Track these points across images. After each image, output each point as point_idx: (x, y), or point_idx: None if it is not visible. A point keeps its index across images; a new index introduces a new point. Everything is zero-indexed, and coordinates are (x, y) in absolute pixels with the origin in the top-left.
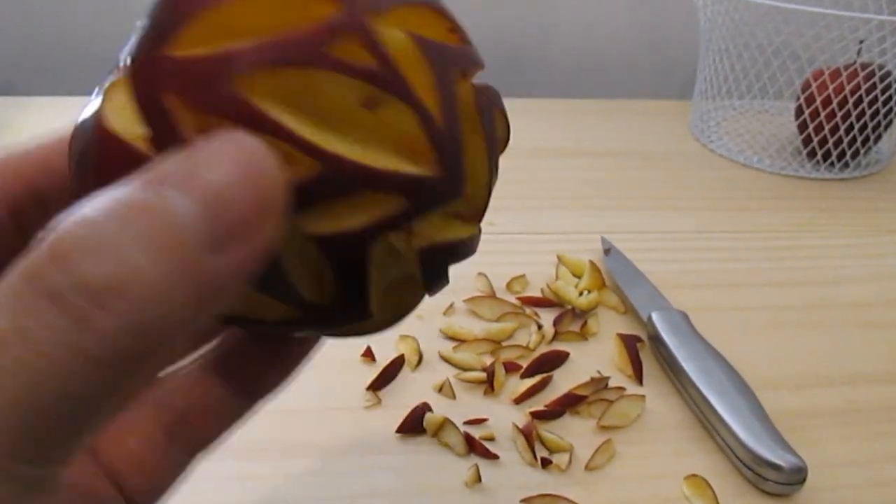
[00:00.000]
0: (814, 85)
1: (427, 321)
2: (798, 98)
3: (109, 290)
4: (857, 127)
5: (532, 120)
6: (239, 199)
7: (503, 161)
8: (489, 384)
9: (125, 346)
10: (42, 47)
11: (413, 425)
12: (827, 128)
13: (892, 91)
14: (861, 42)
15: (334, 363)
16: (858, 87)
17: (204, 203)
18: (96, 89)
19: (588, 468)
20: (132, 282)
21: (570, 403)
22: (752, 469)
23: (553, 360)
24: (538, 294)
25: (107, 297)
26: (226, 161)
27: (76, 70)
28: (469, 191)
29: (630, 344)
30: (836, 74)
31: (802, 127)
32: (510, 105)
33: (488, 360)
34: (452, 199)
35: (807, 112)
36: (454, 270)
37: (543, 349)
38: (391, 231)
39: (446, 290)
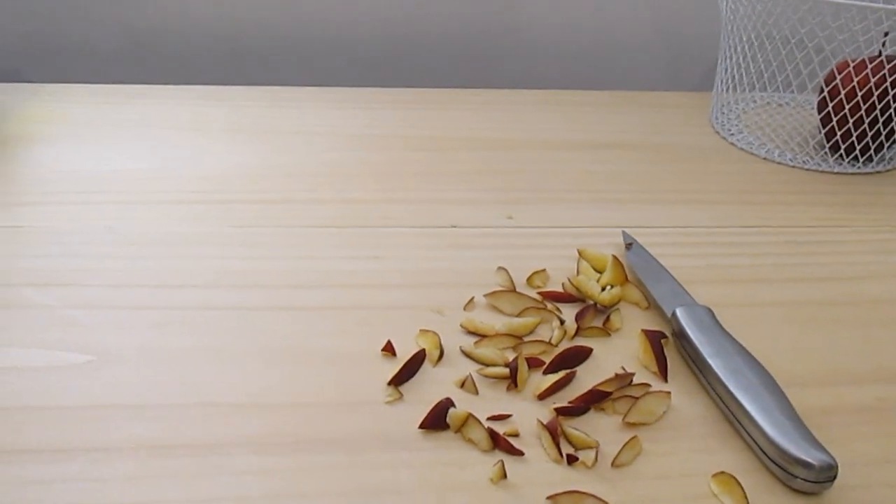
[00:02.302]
0: (838, 77)
1: (447, 316)
2: (821, 91)
3: None
4: (881, 120)
5: (550, 112)
6: None
7: (520, 154)
8: (512, 380)
9: None
10: (48, 35)
11: (436, 421)
12: (851, 121)
13: None
14: (886, 34)
15: (352, 357)
16: (884, 79)
17: None
18: None
19: (615, 465)
20: None
21: (594, 400)
22: (782, 466)
23: (576, 356)
24: (559, 289)
25: None
26: None
27: (82, 57)
28: None
29: (654, 340)
30: (861, 67)
31: (826, 120)
32: (527, 97)
33: (510, 356)
34: None
35: (830, 105)
36: (474, 264)
37: (566, 345)
38: None
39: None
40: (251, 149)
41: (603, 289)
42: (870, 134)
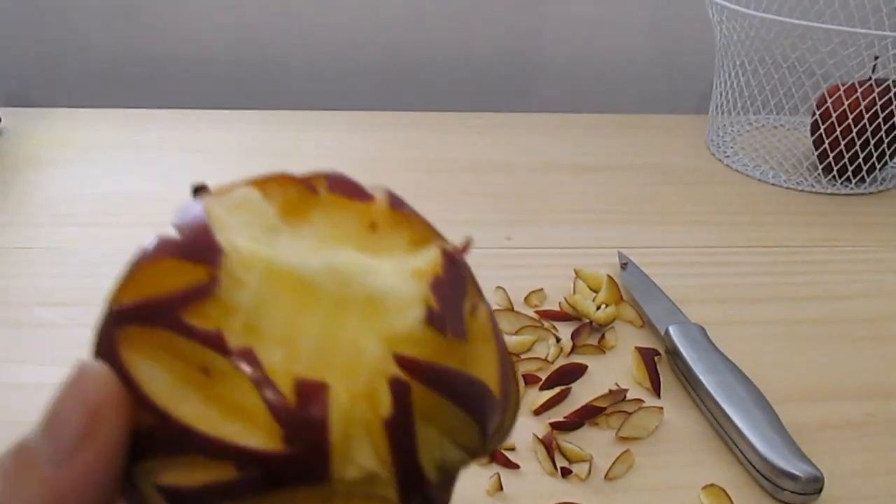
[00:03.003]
0: (829, 100)
1: None
2: (814, 113)
3: None
4: (872, 142)
5: (548, 135)
6: (73, 414)
7: (518, 176)
8: None
9: None
10: (57, 59)
11: None
12: (843, 143)
13: None
14: (876, 58)
15: None
16: (874, 102)
17: (46, 424)
18: None
19: (607, 478)
20: None
21: (588, 415)
22: (769, 479)
23: (571, 373)
24: (556, 308)
25: None
26: (65, 385)
27: (91, 82)
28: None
29: (648, 357)
30: (851, 90)
31: (818, 142)
32: (525, 120)
33: None
34: (311, 480)
35: (822, 127)
36: None
37: (562, 362)
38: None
39: None
40: (259, 171)
41: (598, 307)
42: (861, 156)
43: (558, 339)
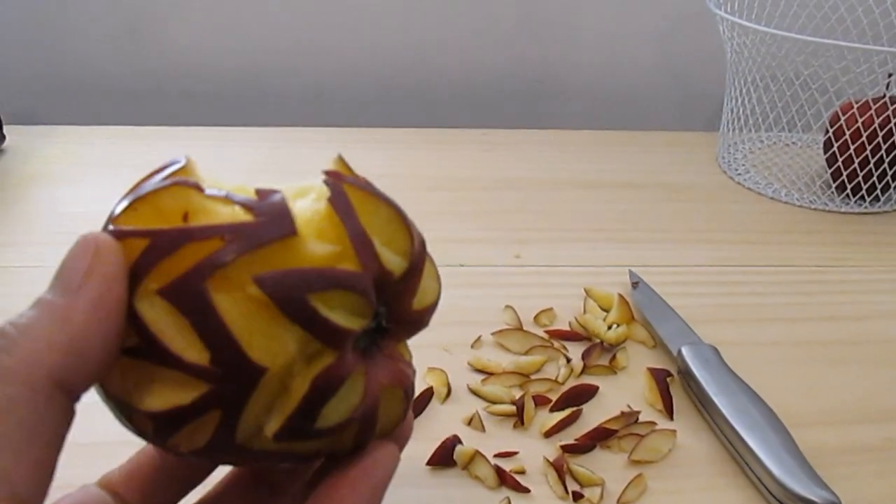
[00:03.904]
0: (843, 118)
1: (455, 354)
2: (826, 131)
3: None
4: (887, 161)
5: (557, 151)
6: (77, 259)
7: (527, 193)
8: (519, 417)
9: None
10: (64, 77)
11: (443, 458)
12: (856, 161)
13: None
14: (890, 76)
15: None
16: (888, 120)
17: (56, 274)
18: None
19: (620, 503)
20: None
21: (600, 437)
22: None
23: (582, 394)
24: (566, 327)
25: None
26: (75, 244)
27: (98, 99)
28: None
29: (660, 378)
30: (865, 108)
31: (831, 160)
32: (535, 136)
33: (517, 394)
34: (284, 235)
35: (836, 145)
36: (481, 303)
37: (572, 383)
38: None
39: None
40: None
41: (609, 327)
42: (875, 174)
43: (568, 360)
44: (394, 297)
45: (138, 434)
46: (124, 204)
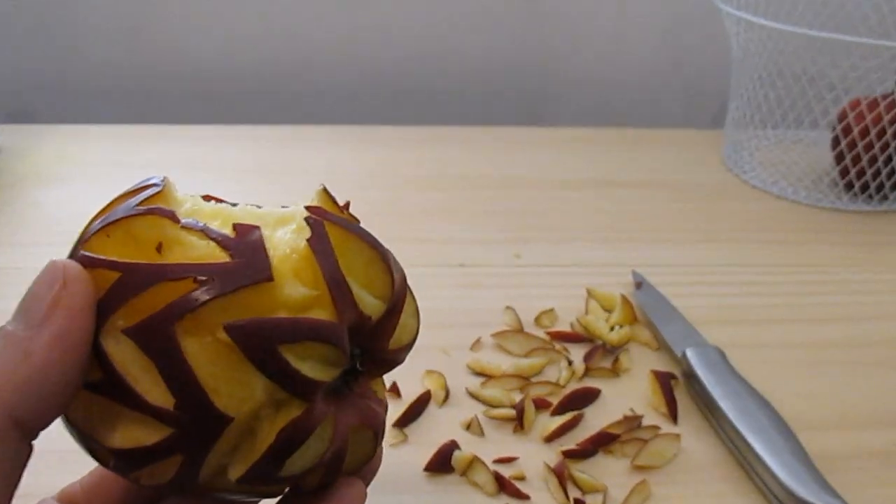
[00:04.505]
0: (850, 115)
1: (453, 356)
2: (834, 128)
3: None
4: (895, 158)
5: (559, 149)
6: (44, 287)
7: (527, 192)
8: (518, 421)
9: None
10: (61, 76)
11: (441, 463)
12: (864, 159)
13: None
14: None
15: None
16: None
17: (20, 304)
18: None
19: None
20: None
21: (602, 442)
22: None
23: (584, 397)
24: (567, 329)
25: None
26: (43, 270)
27: (92, 98)
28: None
29: (664, 381)
30: (873, 105)
31: (839, 158)
32: (536, 134)
33: (517, 397)
34: (260, 280)
35: (844, 143)
36: (481, 303)
37: (574, 386)
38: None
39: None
40: (265, 188)
41: (612, 329)
42: (884, 172)
43: (570, 362)
44: (370, 339)
45: (100, 463)
46: (97, 226)
